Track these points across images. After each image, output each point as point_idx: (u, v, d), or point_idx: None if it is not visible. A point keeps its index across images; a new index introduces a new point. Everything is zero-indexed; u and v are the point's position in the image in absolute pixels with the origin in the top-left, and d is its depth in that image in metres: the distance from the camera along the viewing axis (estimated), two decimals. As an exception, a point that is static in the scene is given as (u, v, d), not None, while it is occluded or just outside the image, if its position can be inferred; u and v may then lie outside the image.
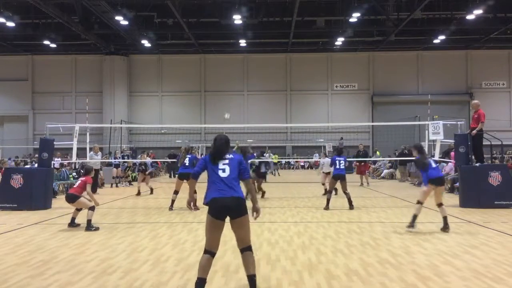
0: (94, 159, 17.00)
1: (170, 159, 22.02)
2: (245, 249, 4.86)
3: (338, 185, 12.18)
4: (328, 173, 14.48)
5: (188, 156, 12.16)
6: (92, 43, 36.16)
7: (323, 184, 15.08)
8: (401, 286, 5.13)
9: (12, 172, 12.34)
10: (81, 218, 9.11)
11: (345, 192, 11.71)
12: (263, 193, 14.48)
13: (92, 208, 8.80)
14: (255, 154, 15.54)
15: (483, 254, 6.57)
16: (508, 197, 11.55)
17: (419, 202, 8.42)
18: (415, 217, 8.33)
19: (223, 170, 4.87)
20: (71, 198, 8.85)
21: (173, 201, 11.85)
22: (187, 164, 11.99)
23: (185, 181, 11.57)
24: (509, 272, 5.62)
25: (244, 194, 5.07)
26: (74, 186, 9.15)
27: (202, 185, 5.60)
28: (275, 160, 29.32)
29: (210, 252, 4.77)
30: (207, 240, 4.83)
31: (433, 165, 8.55)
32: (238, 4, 28.23)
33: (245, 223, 4.88)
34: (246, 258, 4.83)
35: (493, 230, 8.48)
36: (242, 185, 4.98)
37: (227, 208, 4.74)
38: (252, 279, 4.76)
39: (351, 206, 11.60)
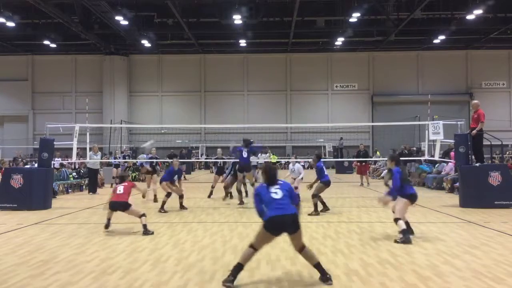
0: (93, 159, 17.01)
1: (170, 159, 21.97)
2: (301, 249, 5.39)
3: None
4: (299, 179, 13.59)
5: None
6: (92, 43, 36.15)
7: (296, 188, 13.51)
8: (401, 286, 5.13)
9: (12, 172, 12.34)
10: (82, 219, 9.09)
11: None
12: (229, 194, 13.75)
13: (144, 215, 8.49)
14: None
15: (483, 254, 6.57)
16: (508, 197, 11.54)
17: (398, 219, 7.53)
18: (404, 231, 7.41)
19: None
20: (123, 206, 8.44)
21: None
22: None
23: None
24: (509, 272, 5.62)
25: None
26: (119, 193, 8.55)
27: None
28: (274, 160, 29.21)
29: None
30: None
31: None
32: (238, 4, 28.22)
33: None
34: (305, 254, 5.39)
35: (493, 230, 8.47)
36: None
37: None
38: (318, 266, 5.29)
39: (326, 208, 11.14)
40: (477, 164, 12.16)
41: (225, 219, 10.18)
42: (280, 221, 5.18)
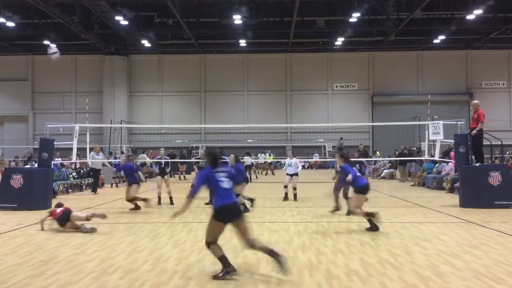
0: (95, 159, 17.00)
1: (170, 159, 21.96)
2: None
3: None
4: (295, 175, 13.86)
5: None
6: (92, 43, 36.15)
7: (285, 186, 13.94)
8: (401, 286, 5.13)
9: (12, 172, 12.33)
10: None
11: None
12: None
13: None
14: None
15: (483, 254, 6.57)
16: (508, 197, 11.54)
17: (357, 208, 8.57)
18: (368, 214, 8.39)
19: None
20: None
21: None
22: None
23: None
24: (509, 272, 5.62)
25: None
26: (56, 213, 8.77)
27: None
28: (270, 160, 29.16)
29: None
30: None
31: (357, 173, 8.99)
32: (238, 4, 28.22)
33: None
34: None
35: (493, 230, 8.47)
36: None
37: None
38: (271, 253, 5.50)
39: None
40: (477, 164, 12.17)
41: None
42: (230, 209, 5.56)
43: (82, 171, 19.47)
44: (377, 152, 30.23)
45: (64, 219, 8.52)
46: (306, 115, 39.16)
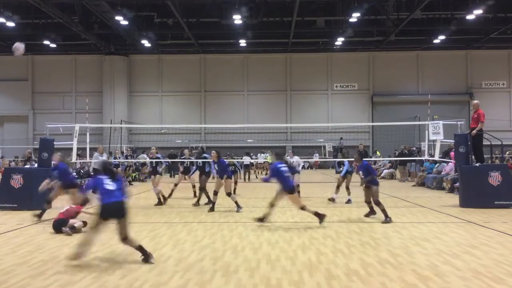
0: (99, 160, 16.92)
1: (170, 159, 22.00)
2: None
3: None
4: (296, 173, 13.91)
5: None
6: (92, 43, 36.14)
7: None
8: (401, 286, 5.13)
9: (12, 172, 12.33)
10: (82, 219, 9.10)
11: None
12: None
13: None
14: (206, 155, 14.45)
15: (483, 254, 6.57)
16: (508, 197, 11.55)
17: (303, 207, 9.17)
18: (317, 213, 9.07)
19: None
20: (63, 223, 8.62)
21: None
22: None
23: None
24: (509, 272, 5.62)
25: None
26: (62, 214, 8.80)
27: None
28: (270, 161, 29.13)
29: None
30: None
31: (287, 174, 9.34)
32: (238, 4, 28.21)
33: None
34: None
35: (493, 230, 8.48)
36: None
37: None
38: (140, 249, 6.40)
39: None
40: (477, 164, 12.17)
41: (225, 219, 10.19)
42: (113, 207, 6.34)
43: (82, 171, 19.47)
44: (377, 152, 30.23)
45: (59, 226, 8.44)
46: (306, 115, 39.16)
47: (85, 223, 8.50)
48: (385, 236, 7.98)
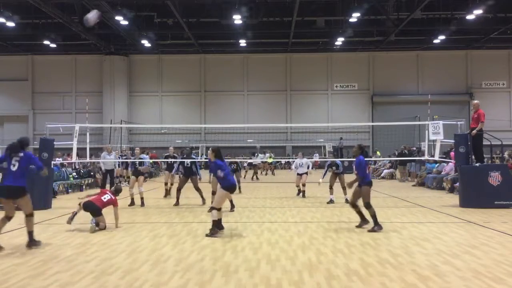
0: (107, 159, 16.89)
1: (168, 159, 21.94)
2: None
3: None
4: (304, 174, 14.77)
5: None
6: (92, 43, 36.16)
7: (297, 186, 15.06)
8: (401, 286, 5.13)
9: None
10: (83, 219, 9.11)
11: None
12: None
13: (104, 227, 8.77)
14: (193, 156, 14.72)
15: (483, 254, 6.57)
16: (508, 197, 11.55)
17: (213, 208, 8.19)
18: (214, 223, 8.11)
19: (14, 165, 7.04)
20: (96, 211, 8.67)
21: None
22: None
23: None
24: (509, 272, 5.62)
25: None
26: (100, 198, 8.86)
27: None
28: (270, 160, 29.26)
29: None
30: None
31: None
32: (238, 4, 28.21)
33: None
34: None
35: (493, 230, 8.48)
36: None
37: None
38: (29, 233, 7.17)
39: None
40: (477, 164, 12.16)
41: (225, 219, 10.17)
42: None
43: (82, 171, 19.46)
44: (377, 152, 30.23)
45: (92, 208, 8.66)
46: (306, 115, 39.16)
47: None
48: (385, 236, 7.98)
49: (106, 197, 8.92)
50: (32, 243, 7.13)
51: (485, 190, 11.58)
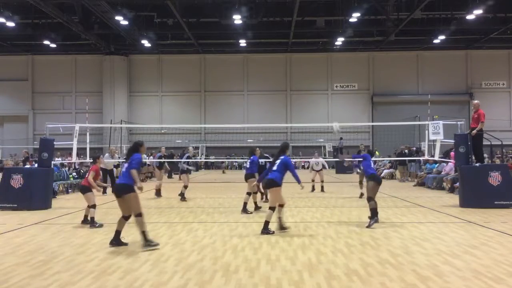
0: (108, 160, 16.92)
1: (170, 158, 22.02)
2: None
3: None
4: (320, 171, 16.65)
5: (250, 158, 11.65)
6: (92, 43, 36.16)
7: (313, 181, 16.66)
8: (401, 286, 5.13)
9: (12, 172, 12.33)
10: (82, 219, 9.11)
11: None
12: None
13: (93, 206, 9.22)
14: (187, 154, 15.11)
15: (483, 254, 6.57)
16: (508, 197, 11.54)
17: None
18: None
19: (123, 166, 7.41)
20: (82, 189, 9.51)
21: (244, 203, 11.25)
22: (247, 166, 11.66)
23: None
24: (509, 272, 5.62)
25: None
26: (85, 177, 9.78)
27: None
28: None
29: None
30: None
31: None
32: (238, 4, 28.22)
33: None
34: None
35: (493, 230, 8.47)
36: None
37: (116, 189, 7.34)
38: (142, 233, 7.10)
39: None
40: (477, 164, 12.16)
41: (225, 219, 10.19)
42: (116, 188, 7.32)
43: (82, 171, 19.45)
44: (376, 152, 30.21)
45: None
46: (306, 115, 39.17)
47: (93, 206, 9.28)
48: (385, 236, 7.98)
49: (88, 173, 9.76)
50: (147, 243, 7.01)
51: (485, 190, 11.57)
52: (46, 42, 35.37)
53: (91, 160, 10.27)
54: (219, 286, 5.18)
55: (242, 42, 36.42)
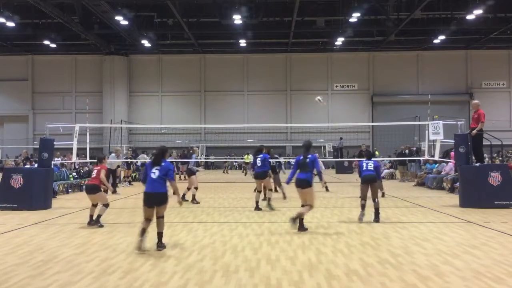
0: (113, 160, 16.96)
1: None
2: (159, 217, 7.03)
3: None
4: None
5: (259, 156, 11.60)
6: (92, 43, 36.17)
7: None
8: (401, 286, 5.12)
9: (12, 172, 12.33)
10: (82, 219, 9.10)
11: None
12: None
13: (106, 205, 9.21)
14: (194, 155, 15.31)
15: (483, 254, 6.57)
16: (508, 197, 11.54)
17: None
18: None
19: (154, 173, 6.98)
20: (93, 189, 9.17)
21: (256, 201, 11.46)
22: (259, 164, 11.55)
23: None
24: (509, 272, 5.62)
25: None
26: (92, 176, 9.39)
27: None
28: (247, 160, 29.46)
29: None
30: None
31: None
32: (238, 4, 28.22)
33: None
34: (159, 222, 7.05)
35: (493, 230, 8.47)
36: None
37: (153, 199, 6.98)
38: (159, 234, 7.04)
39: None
40: (477, 164, 12.16)
41: (225, 219, 10.18)
42: (151, 198, 6.94)
43: (82, 171, 19.45)
44: (376, 152, 30.22)
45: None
46: (306, 115, 39.17)
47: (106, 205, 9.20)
48: (385, 236, 7.97)
49: (94, 172, 9.39)
50: (162, 245, 7.02)
51: (485, 190, 11.57)
52: (46, 42, 35.38)
53: (95, 161, 10.11)
54: (219, 286, 5.18)
55: (242, 42, 36.43)
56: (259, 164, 11.51)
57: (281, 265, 6.02)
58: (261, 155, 11.54)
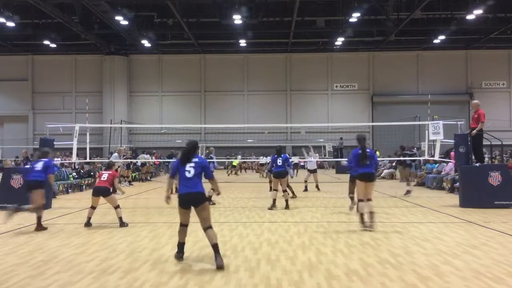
0: (117, 160, 17.05)
1: (169, 159, 22.04)
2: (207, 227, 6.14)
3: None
4: (314, 171, 17.50)
5: (281, 156, 11.99)
6: (92, 43, 36.17)
7: (306, 181, 17.30)
8: (401, 286, 5.12)
9: (12, 172, 12.33)
10: (82, 219, 9.10)
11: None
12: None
13: (119, 206, 9.26)
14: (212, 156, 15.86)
15: (483, 254, 6.57)
16: (508, 197, 11.54)
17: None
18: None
19: (189, 172, 6.22)
20: (104, 192, 9.11)
21: (274, 200, 11.84)
22: (280, 163, 11.89)
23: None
24: (509, 272, 5.62)
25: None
26: (103, 179, 9.30)
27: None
28: (235, 163, 29.65)
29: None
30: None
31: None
32: (238, 4, 28.22)
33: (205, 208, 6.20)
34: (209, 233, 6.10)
35: (493, 230, 8.47)
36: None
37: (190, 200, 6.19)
38: (215, 246, 6.02)
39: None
40: (477, 164, 12.16)
41: (225, 219, 10.18)
42: (188, 198, 6.17)
43: (82, 171, 19.45)
44: (377, 152, 30.21)
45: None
46: (306, 115, 39.17)
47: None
48: (385, 236, 7.97)
49: (105, 176, 9.33)
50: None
51: (485, 190, 11.58)
52: (46, 42, 35.38)
53: (95, 161, 10.16)
54: (219, 286, 5.18)
55: (242, 42, 36.43)
56: (279, 164, 11.93)
57: (281, 265, 6.02)
58: (282, 156, 12.07)
